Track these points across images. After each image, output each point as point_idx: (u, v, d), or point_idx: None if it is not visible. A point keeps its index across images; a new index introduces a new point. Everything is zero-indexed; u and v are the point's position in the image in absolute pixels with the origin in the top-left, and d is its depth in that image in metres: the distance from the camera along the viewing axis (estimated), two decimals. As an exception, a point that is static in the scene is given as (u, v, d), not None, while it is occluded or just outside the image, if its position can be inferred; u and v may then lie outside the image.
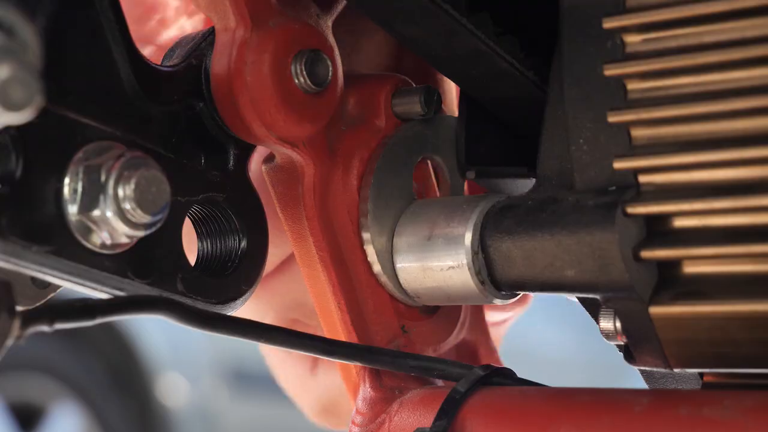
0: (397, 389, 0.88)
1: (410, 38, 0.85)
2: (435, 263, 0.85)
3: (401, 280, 0.88)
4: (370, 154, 0.88)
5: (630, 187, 0.76)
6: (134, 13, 1.06)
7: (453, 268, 0.84)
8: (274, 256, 0.98)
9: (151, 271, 0.80)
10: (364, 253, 0.88)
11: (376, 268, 0.88)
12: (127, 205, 0.75)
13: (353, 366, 0.90)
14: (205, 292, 0.83)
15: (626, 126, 0.77)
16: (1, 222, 0.72)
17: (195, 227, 0.86)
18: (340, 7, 0.89)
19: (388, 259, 0.88)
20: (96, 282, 0.78)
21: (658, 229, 0.76)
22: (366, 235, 0.87)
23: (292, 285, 1.04)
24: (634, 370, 0.85)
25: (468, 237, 0.83)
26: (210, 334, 0.84)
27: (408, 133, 0.90)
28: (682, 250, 0.75)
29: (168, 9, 1.06)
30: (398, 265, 0.88)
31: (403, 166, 0.90)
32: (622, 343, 0.80)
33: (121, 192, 0.75)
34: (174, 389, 4.02)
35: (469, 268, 0.83)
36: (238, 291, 0.85)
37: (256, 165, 0.90)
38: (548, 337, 4.26)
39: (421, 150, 0.90)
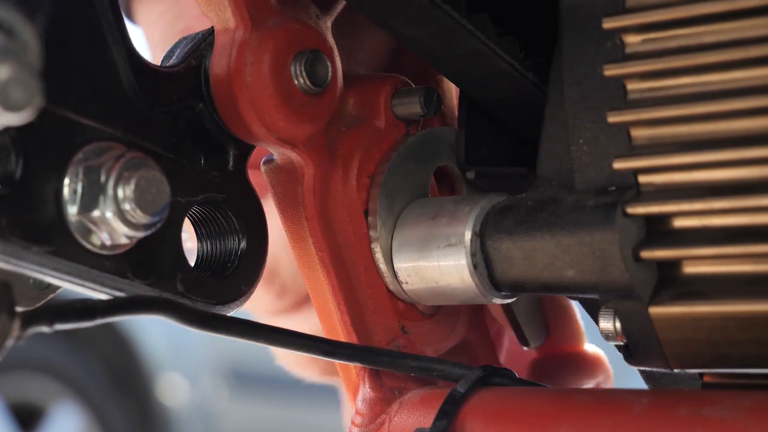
0: (397, 390, 0.88)
1: (410, 39, 0.85)
2: (434, 262, 0.85)
3: (400, 279, 0.88)
4: (381, 155, 0.88)
5: (630, 188, 0.76)
6: None
7: (452, 266, 0.84)
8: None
9: (150, 272, 0.80)
10: (364, 252, 0.88)
11: (382, 266, 0.88)
12: (127, 206, 0.75)
13: (353, 366, 0.90)
14: (205, 293, 0.83)
15: (626, 126, 0.77)
16: (1, 222, 0.72)
17: (194, 228, 0.86)
18: (339, 7, 0.89)
19: (389, 258, 0.88)
20: (96, 282, 0.78)
21: (658, 229, 0.76)
22: (374, 234, 0.87)
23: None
24: (634, 370, 0.85)
25: (467, 236, 0.83)
26: (210, 335, 0.84)
27: (426, 138, 0.90)
28: (681, 250, 0.75)
29: None
30: (397, 264, 0.88)
31: (417, 169, 0.90)
32: (622, 343, 0.80)
33: (120, 193, 0.75)
34: (174, 389, 4.02)
35: (468, 268, 0.83)
36: (237, 291, 0.85)
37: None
38: (548, 337, 4.25)
39: (439, 156, 0.91)
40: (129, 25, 0.81)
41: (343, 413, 1.51)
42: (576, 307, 1.02)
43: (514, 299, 0.88)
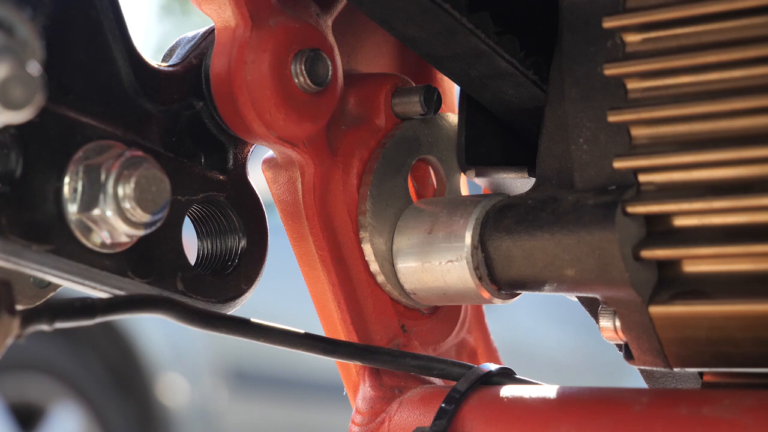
0: (396, 388, 0.88)
1: (410, 37, 0.85)
2: (435, 262, 0.85)
3: (401, 279, 0.88)
4: (369, 154, 0.89)
5: (630, 187, 0.76)
6: None
7: (452, 266, 0.84)
8: None
9: (151, 271, 0.80)
10: (362, 252, 0.88)
11: (374, 267, 0.88)
12: (127, 204, 0.75)
13: (353, 365, 0.90)
14: (205, 292, 0.83)
15: (626, 125, 0.77)
16: (2, 221, 0.72)
17: (195, 226, 0.86)
18: (340, 6, 0.89)
19: (387, 258, 0.88)
20: (96, 281, 0.78)
21: (658, 229, 0.76)
22: (364, 234, 0.87)
23: None
24: (634, 369, 0.85)
25: (468, 236, 0.83)
26: (210, 334, 0.84)
27: (407, 132, 0.90)
28: (681, 249, 0.75)
29: None
30: (398, 265, 0.88)
31: (402, 165, 0.90)
32: (622, 342, 0.80)
33: (120, 191, 0.75)
34: (174, 389, 4.02)
35: (468, 267, 0.83)
36: (238, 290, 0.85)
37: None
38: (548, 337, 4.26)
39: (419, 150, 0.91)
40: (129, 24, 0.81)
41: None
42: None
43: (515, 299, 0.88)
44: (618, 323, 0.79)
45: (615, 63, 0.77)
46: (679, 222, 0.75)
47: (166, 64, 0.85)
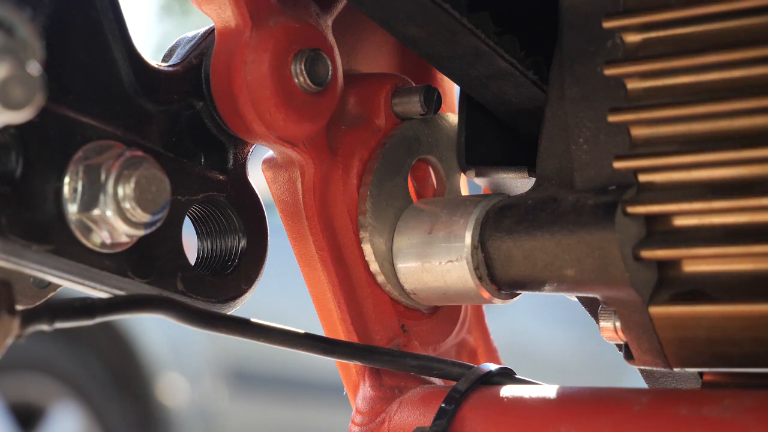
0: (396, 388, 0.88)
1: (410, 38, 0.85)
2: (435, 262, 0.85)
3: (401, 279, 0.88)
4: (369, 154, 0.89)
5: (630, 187, 0.76)
6: None
7: (452, 266, 0.84)
8: None
9: (151, 271, 0.80)
10: (362, 252, 0.88)
11: (374, 267, 0.88)
12: (127, 204, 0.75)
13: (353, 365, 0.90)
14: (205, 292, 0.83)
15: (626, 125, 0.77)
16: (2, 221, 0.72)
17: (195, 226, 0.86)
18: (340, 6, 0.89)
19: (387, 258, 0.88)
20: (96, 281, 0.78)
21: (658, 229, 0.76)
22: (364, 234, 0.87)
23: None
24: (634, 369, 0.85)
25: (468, 236, 0.83)
26: (210, 334, 0.84)
27: (407, 132, 0.90)
28: (681, 249, 0.75)
29: None
30: (398, 265, 0.88)
31: (402, 165, 0.90)
32: (622, 342, 0.80)
33: (120, 191, 0.75)
34: (174, 389, 4.02)
35: (468, 267, 0.83)
36: (238, 290, 0.85)
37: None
38: (548, 337, 4.26)
39: (419, 150, 0.91)
40: (129, 24, 0.81)
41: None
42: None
43: (515, 299, 0.88)
44: (618, 323, 0.79)
45: (615, 63, 0.77)
46: (679, 222, 0.75)
47: (166, 64, 0.85)
